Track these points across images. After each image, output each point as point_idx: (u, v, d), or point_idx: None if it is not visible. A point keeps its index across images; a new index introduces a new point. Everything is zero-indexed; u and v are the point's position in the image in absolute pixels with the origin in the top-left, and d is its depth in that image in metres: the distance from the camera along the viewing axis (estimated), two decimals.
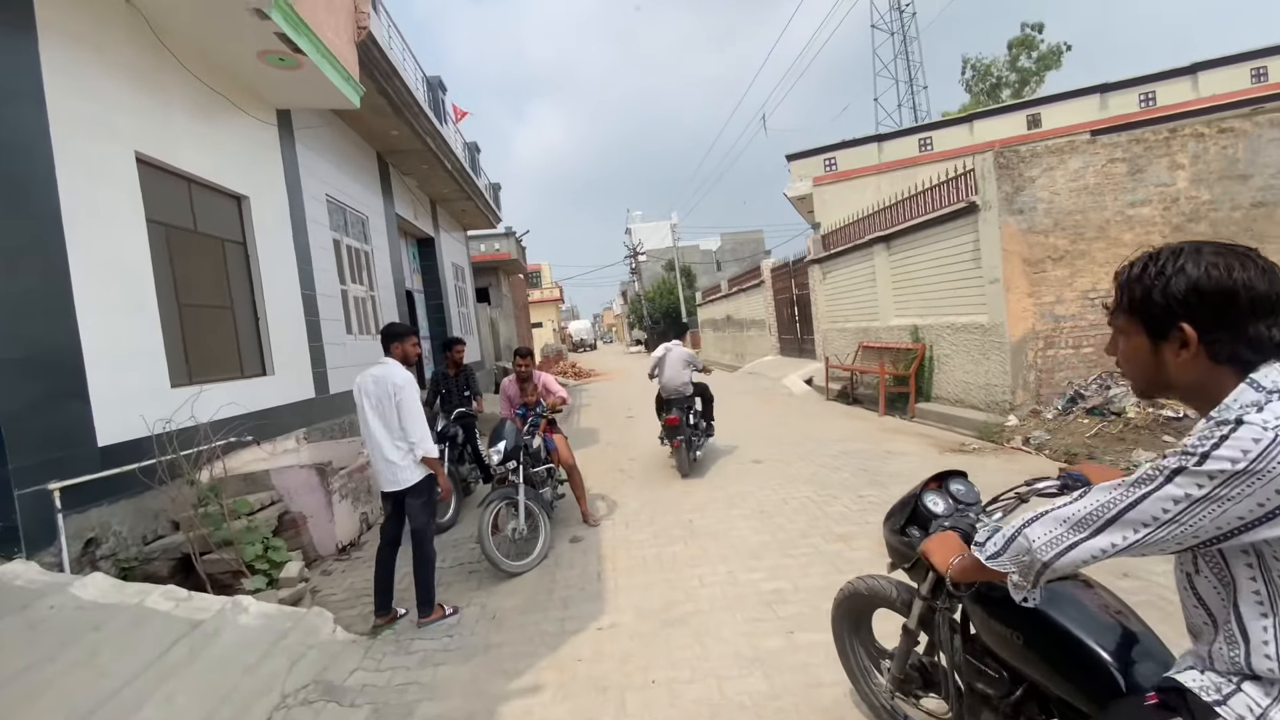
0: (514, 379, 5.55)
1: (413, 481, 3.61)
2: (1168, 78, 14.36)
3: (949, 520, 1.68)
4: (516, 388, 5.53)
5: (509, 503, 4.49)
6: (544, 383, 5.37)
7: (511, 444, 4.62)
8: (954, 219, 8.20)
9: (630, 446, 8.23)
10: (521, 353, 5.58)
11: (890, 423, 8.62)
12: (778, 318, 17.06)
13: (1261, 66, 13.68)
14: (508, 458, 4.58)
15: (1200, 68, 14.12)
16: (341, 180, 8.66)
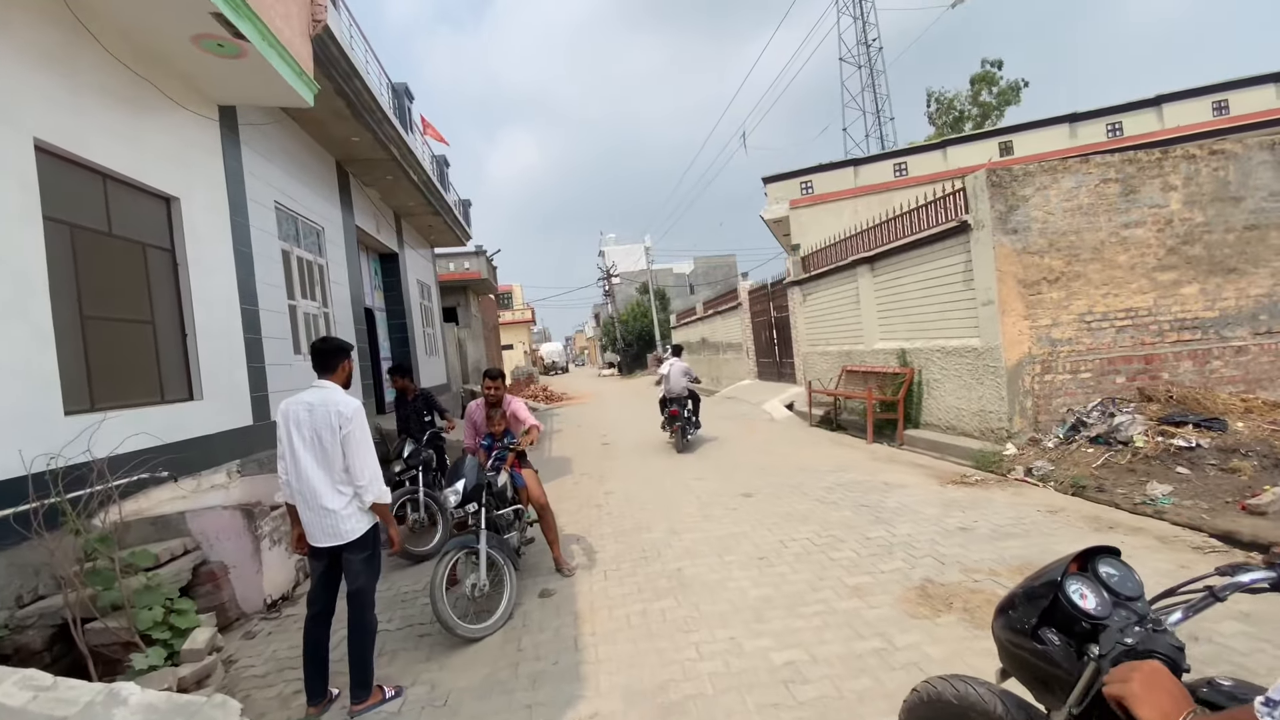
0: (481, 404, 4.90)
1: (357, 534, 2.95)
2: (1134, 109, 14.67)
3: (1127, 632, 1.12)
4: (483, 414, 4.88)
5: (468, 552, 3.84)
6: (514, 410, 4.74)
7: (472, 482, 3.98)
8: (944, 239, 7.91)
9: (607, 478, 7.60)
10: (491, 374, 4.90)
11: (880, 451, 8.18)
12: (756, 341, 16.71)
13: (1223, 99, 14.07)
14: (467, 499, 3.94)
15: (1165, 100, 14.47)
16: (294, 187, 7.98)
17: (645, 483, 7.03)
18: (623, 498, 6.40)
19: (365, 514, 2.98)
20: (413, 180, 11.08)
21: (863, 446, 8.54)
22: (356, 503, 2.95)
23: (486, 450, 4.60)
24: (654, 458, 8.67)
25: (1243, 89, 13.93)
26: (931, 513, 5.03)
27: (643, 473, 7.67)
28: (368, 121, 8.47)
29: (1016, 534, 4.47)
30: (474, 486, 3.98)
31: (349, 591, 2.98)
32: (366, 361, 10.05)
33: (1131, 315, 7.02)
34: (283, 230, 7.64)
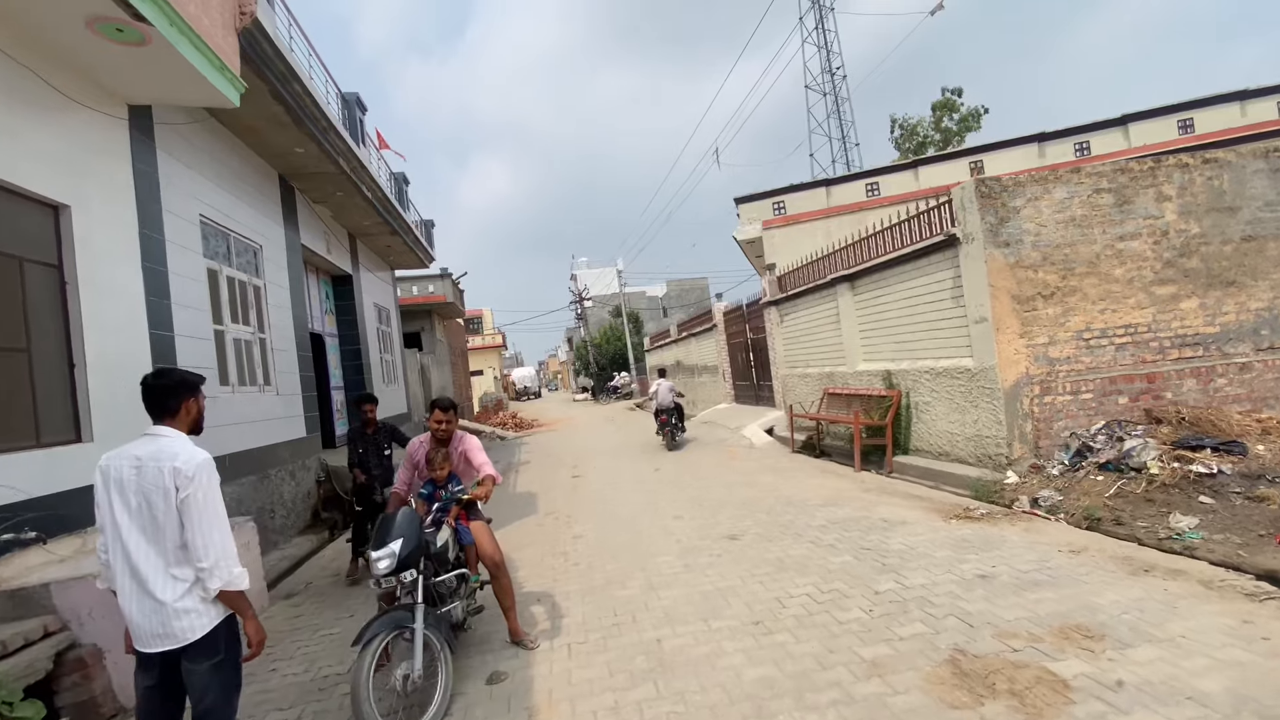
0: (426, 440, 4.13)
1: (198, 633, 2.16)
2: (1101, 128, 14.80)
3: None
4: (425, 453, 4.12)
5: (400, 633, 3.09)
6: (466, 450, 4.01)
7: (411, 544, 3.25)
8: (930, 254, 7.49)
9: (577, 517, 6.86)
10: (442, 405, 4.06)
11: (870, 480, 7.62)
12: (732, 363, 16.20)
13: (1188, 118, 14.27)
14: (403, 565, 3.20)
15: (1130, 119, 14.63)
16: (225, 200, 7.20)
17: (619, 523, 6.32)
18: (594, 543, 5.67)
19: (211, 605, 2.21)
20: (366, 197, 10.35)
21: (850, 475, 7.97)
22: (199, 591, 2.18)
23: (425, 500, 3.87)
24: (630, 492, 7.96)
25: (1207, 107, 14.17)
26: (943, 557, 4.44)
27: (617, 510, 6.96)
28: (311, 131, 7.77)
29: (1044, 581, 3.89)
30: (413, 551, 3.25)
31: (194, 716, 2.19)
32: (311, 391, 9.18)
33: (1131, 332, 6.64)
34: (209, 247, 6.84)
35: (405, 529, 3.30)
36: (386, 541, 3.24)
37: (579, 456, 12.14)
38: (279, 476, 7.70)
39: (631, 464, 10.38)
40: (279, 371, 8.11)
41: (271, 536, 7.19)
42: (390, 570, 3.17)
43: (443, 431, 4.00)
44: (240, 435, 6.86)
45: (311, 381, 9.26)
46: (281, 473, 7.81)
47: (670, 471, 9.19)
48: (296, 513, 8.06)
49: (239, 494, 6.64)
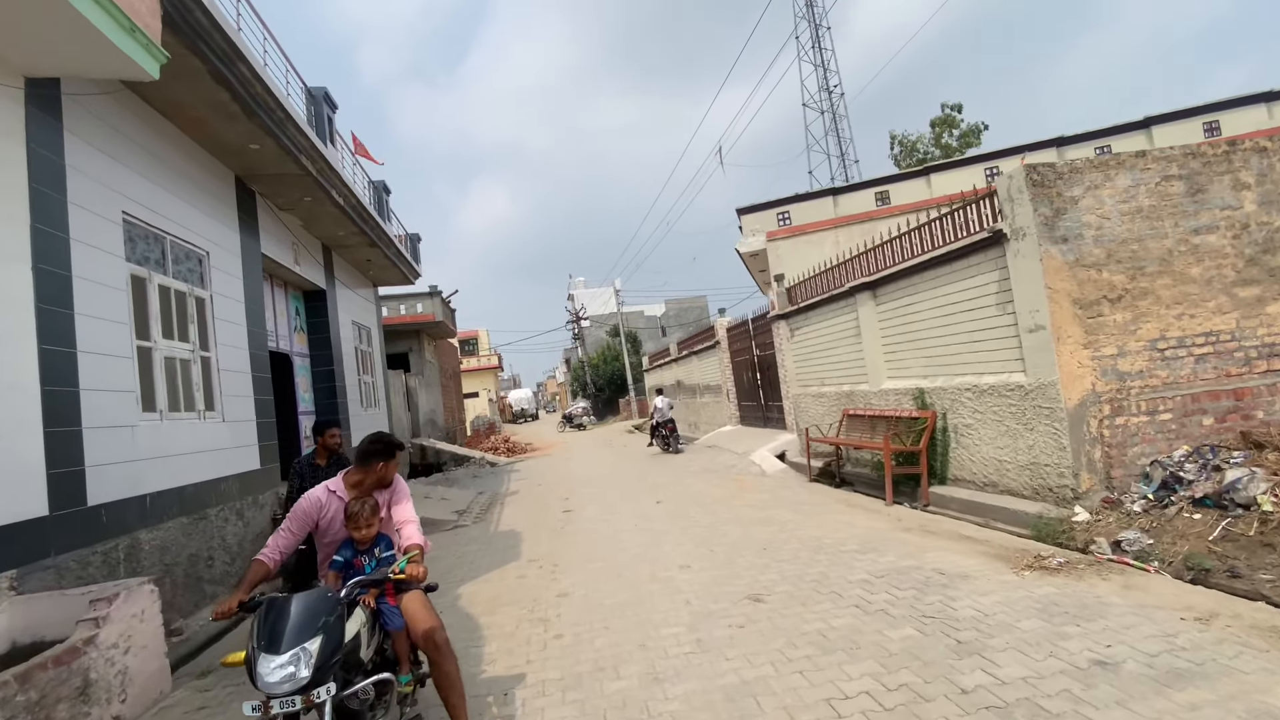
0: (340, 487, 2.99)
1: None
2: (1123, 131, 14.06)
3: None
4: (343, 507, 2.92)
5: None
6: (390, 500, 2.98)
7: (330, 646, 2.21)
8: (969, 255, 6.56)
9: (564, 566, 5.80)
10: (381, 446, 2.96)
11: (906, 516, 6.58)
12: (737, 382, 15.22)
13: (1214, 120, 13.53)
14: (316, 680, 2.15)
15: (1154, 121, 13.90)
16: (161, 198, 6.27)
17: (615, 575, 5.27)
18: (583, 604, 4.61)
19: None
20: (338, 204, 9.45)
21: (881, 510, 6.93)
22: None
23: (339, 571, 2.84)
24: (628, 531, 6.91)
25: (1234, 109, 13.44)
26: (1033, 629, 3.40)
27: (613, 556, 5.91)
28: (266, 123, 6.87)
29: (1187, 672, 2.86)
30: (333, 651, 2.21)
31: None
32: (269, 417, 8.15)
33: (1212, 340, 5.67)
34: (135, 251, 5.89)
35: (320, 618, 2.26)
36: (279, 642, 2.18)
37: (572, 486, 11.07)
38: (221, 516, 6.65)
39: (630, 495, 9.32)
40: (227, 395, 7.10)
41: (206, 589, 6.11)
42: (299, 688, 2.12)
43: (376, 476, 2.97)
44: (169, 470, 5.84)
45: (270, 406, 8.25)
46: (226, 511, 6.76)
47: (674, 504, 8.14)
48: (244, 557, 6.96)
49: (162, 540, 5.59)
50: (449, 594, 5.35)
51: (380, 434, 3.08)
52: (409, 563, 2.64)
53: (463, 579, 5.79)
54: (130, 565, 5.14)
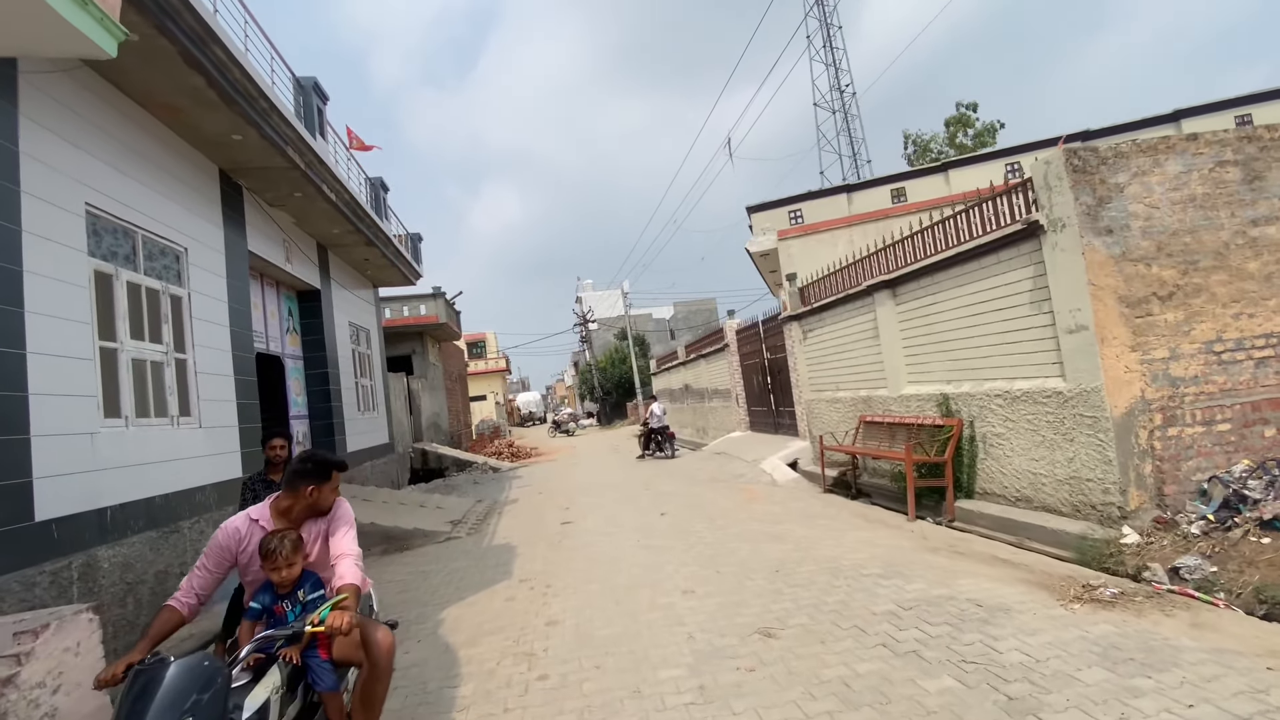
0: (264, 515, 2.55)
1: None
2: (1152, 125, 13.42)
3: None
4: (259, 540, 2.44)
5: None
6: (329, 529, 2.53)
7: None
8: (1000, 250, 6.04)
9: (557, 588, 5.33)
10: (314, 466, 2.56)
11: (931, 533, 6.05)
12: (746, 387, 14.70)
13: (1246, 114, 12.87)
14: None
15: (1184, 114, 13.25)
16: (132, 191, 5.89)
17: (611, 600, 4.80)
18: (573, 635, 4.13)
19: None
20: (328, 199, 9.07)
21: (903, 525, 6.41)
22: None
23: (256, 621, 2.37)
24: (628, 547, 6.43)
25: (1267, 102, 12.76)
26: (1096, 681, 2.89)
27: (610, 576, 5.43)
28: (246, 112, 6.49)
29: None
30: None
31: None
32: (254, 422, 7.75)
33: (1274, 342, 5.12)
34: (101, 245, 5.50)
35: (189, 696, 1.77)
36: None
37: (574, 494, 10.61)
38: (196, 529, 6.24)
39: (633, 505, 8.85)
40: (205, 400, 6.70)
41: None
42: None
43: (310, 501, 2.51)
44: (135, 480, 5.44)
45: (255, 411, 7.85)
46: (201, 524, 6.35)
47: (679, 517, 7.65)
48: None
49: (125, 557, 5.18)
50: (430, 619, 4.91)
51: (313, 452, 2.63)
52: (334, 609, 2.15)
53: (448, 600, 5.34)
54: (85, 585, 4.73)
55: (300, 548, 2.40)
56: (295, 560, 2.36)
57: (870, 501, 7.96)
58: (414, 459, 16.49)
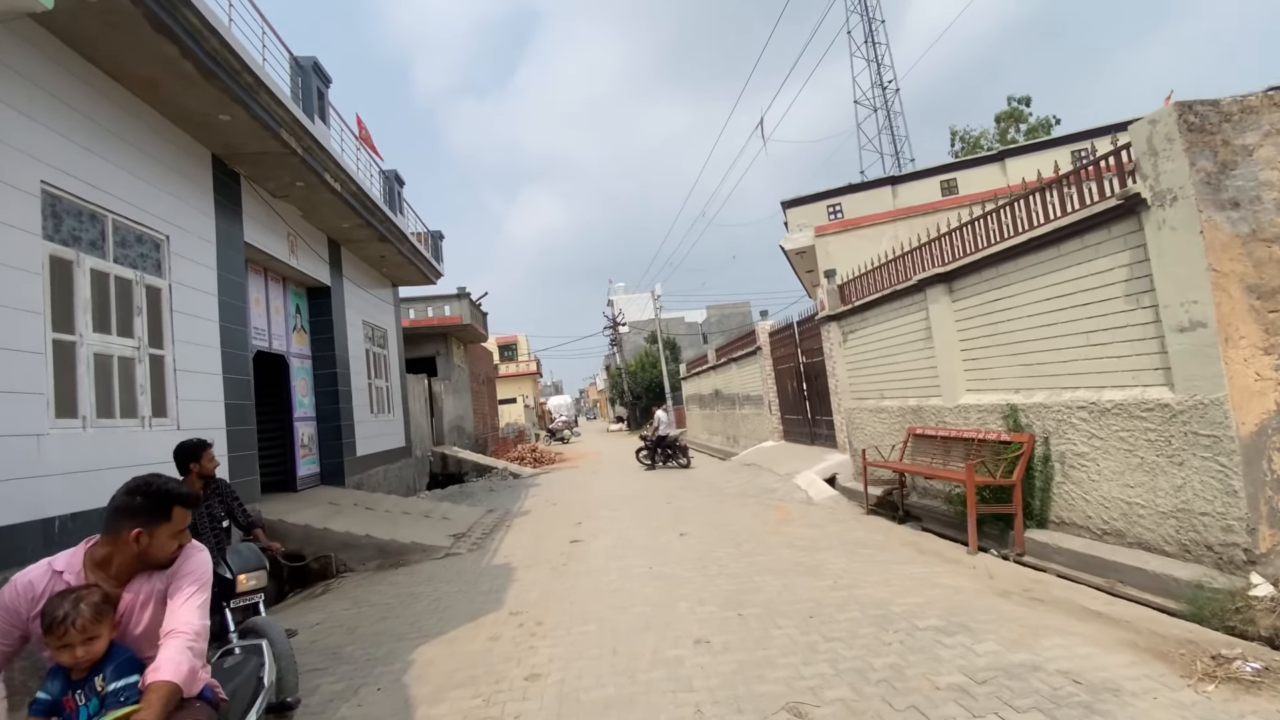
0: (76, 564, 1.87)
1: None
2: None
3: None
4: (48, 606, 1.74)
5: None
6: (173, 602, 1.81)
7: None
8: (1086, 232, 5.06)
9: (550, 626, 4.57)
10: (136, 508, 1.88)
11: (999, 570, 5.08)
12: (779, 393, 13.74)
13: None
14: None
15: None
16: (101, 171, 5.41)
17: (610, 645, 4.01)
18: (554, 696, 3.36)
19: None
20: (332, 188, 8.56)
21: (964, 559, 5.44)
22: None
23: (41, 717, 1.66)
24: (639, 576, 5.64)
25: None
26: None
27: (611, 615, 4.64)
28: (228, 87, 5.97)
29: None
30: None
31: None
32: (246, 424, 7.24)
33: None
34: (61, 228, 5.00)
35: None
36: None
37: (590, 507, 9.86)
38: None
39: (651, 523, 8.05)
40: (185, 399, 6.20)
41: None
42: None
43: (133, 554, 1.80)
44: (93, 487, 4.91)
45: (248, 412, 7.35)
46: None
47: (700, 539, 6.82)
48: None
49: None
50: (400, 658, 4.21)
51: (148, 479, 1.92)
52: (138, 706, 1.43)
53: (427, 633, 4.64)
54: None
55: (105, 615, 1.70)
56: (96, 632, 1.67)
57: (920, 526, 6.98)
58: (433, 463, 16.04)
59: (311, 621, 5.44)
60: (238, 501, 4.34)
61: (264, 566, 3.88)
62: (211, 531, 4.01)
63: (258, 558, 3.89)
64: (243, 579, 3.71)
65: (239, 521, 4.28)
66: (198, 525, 3.95)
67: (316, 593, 6.59)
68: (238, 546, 3.93)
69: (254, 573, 3.77)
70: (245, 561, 3.81)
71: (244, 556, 3.83)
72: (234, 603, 3.67)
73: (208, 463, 4.03)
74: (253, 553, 3.91)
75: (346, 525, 7.51)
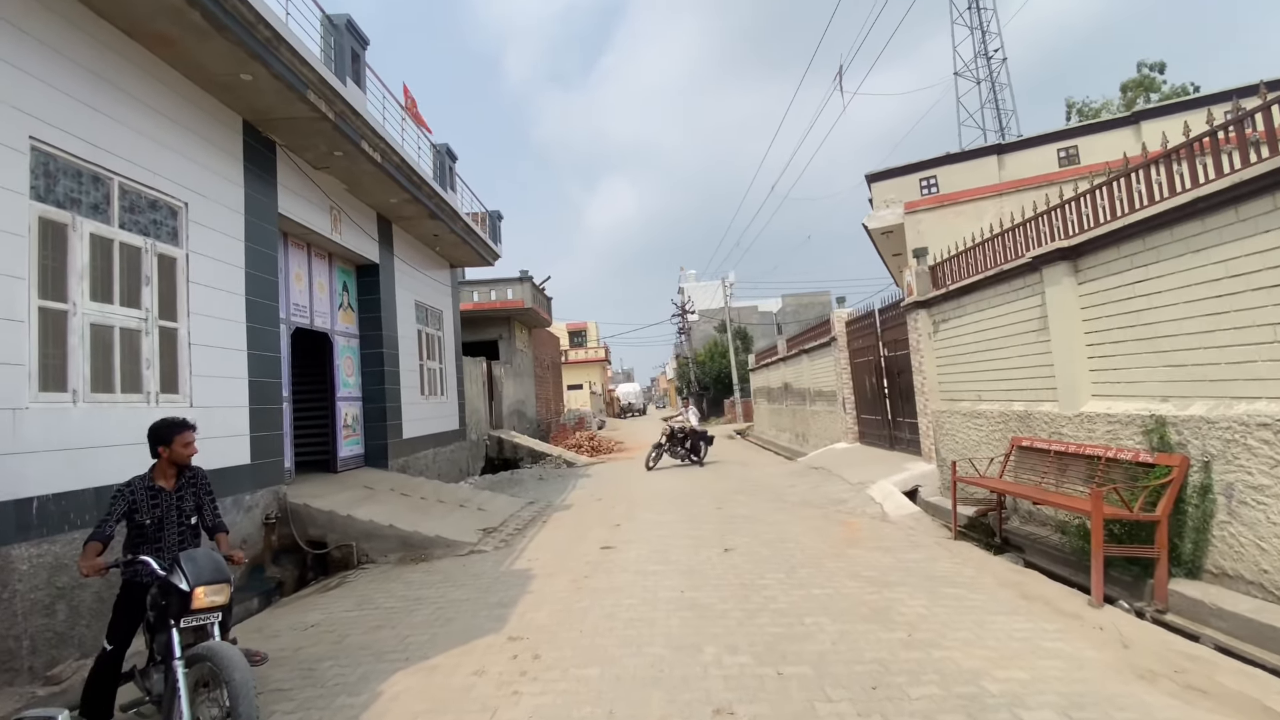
0: None
1: None
2: None
3: None
4: None
5: None
6: None
7: None
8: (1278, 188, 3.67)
9: (547, 659, 3.81)
10: None
11: (1133, 633, 3.84)
12: (856, 389, 12.39)
13: None
14: None
15: None
16: (107, 130, 5.09)
17: (606, 708, 3.19)
18: None
19: None
20: (371, 159, 8.14)
21: (1084, 612, 4.21)
22: None
23: None
24: (663, 608, 4.77)
25: None
26: None
27: (623, 657, 3.81)
28: (243, 40, 5.53)
29: None
30: None
31: None
32: (273, 404, 6.95)
33: None
34: (55, 189, 4.69)
35: None
36: None
37: (634, 504, 9.08)
38: None
39: (695, 530, 7.16)
40: (200, 375, 5.90)
41: None
42: None
43: None
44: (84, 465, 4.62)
45: (274, 390, 7.06)
46: None
47: (747, 557, 5.87)
48: None
49: (58, 557, 4.35)
50: (368, 688, 3.58)
51: None
52: None
53: (409, 658, 4.00)
54: None
55: None
56: None
57: (1023, 560, 5.70)
58: (489, 447, 15.81)
59: (309, 622, 4.97)
60: (210, 497, 3.65)
61: (227, 580, 3.18)
62: (178, 528, 3.43)
63: (220, 569, 3.19)
64: (200, 593, 3.03)
65: (204, 521, 3.60)
66: (163, 520, 3.39)
67: (331, 585, 6.18)
68: (194, 554, 3.20)
69: (214, 586, 3.10)
70: (202, 571, 3.11)
71: (202, 566, 3.13)
72: (187, 621, 3.02)
73: (181, 448, 3.45)
74: (214, 563, 3.20)
75: (371, 514, 7.10)
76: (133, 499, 3.33)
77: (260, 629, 4.92)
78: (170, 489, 3.44)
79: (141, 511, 3.33)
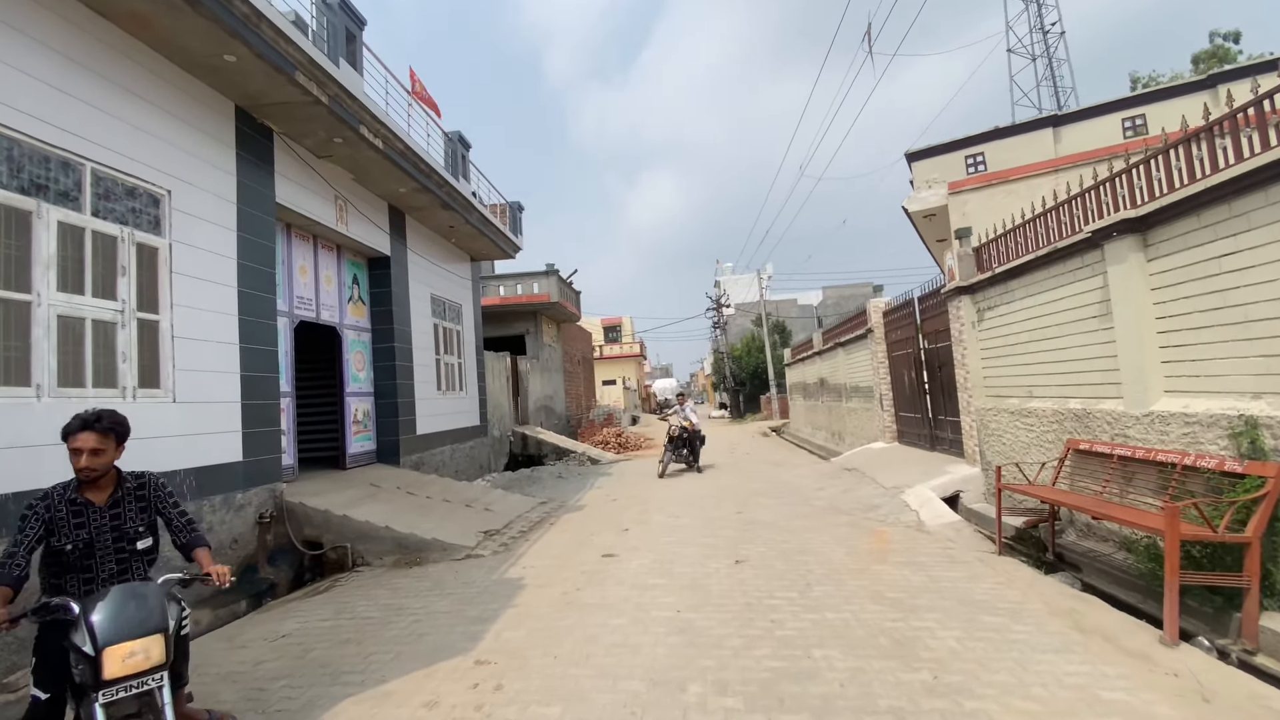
0: None
1: None
2: None
3: None
4: None
5: None
6: None
7: None
8: None
9: (511, 695, 3.35)
10: None
11: (1215, 681, 3.13)
12: (894, 384, 11.56)
13: None
14: None
15: None
16: (77, 114, 4.87)
17: None
18: None
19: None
20: (373, 146, 7.84)
21: (1154, 651, 3.49)
22: None
23: None
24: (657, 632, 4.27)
25: None
26: None
27: (594, 693, 3.33)
28: (221, 18, 5.24)
29: None
30: None
31: None
32: (269, 399, 6.73)
33: None
34: (19, 174, 4.47)
35: None
36: None
37: (650, 507, 8.57)
38: None
39: (707, 538, 6.61)
40: (185, 370, 5.68)
41: None
42: None
43: None
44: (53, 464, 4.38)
45: (270, 385, 6.84)
46: None
47: (760, 570, 5.30)
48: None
49: None
50: (313, 718, 3.19)
51: None
52: None
53: (364, 681, 3.61)
54: None
55: None
56: None
57: (1079, 581, 4.95)
58: (513, 443, 15.55)
59: (282, 631, 4.67)
60: (176, 510, 2.92)
61: (159, 629, 2.42)
62: (114, 555, 2.70)
63: (150, 616, 2.43)
64: (114, 656, 2.29)
65: (176, 539, 2.90)
66: (92, 544, 2.65)
67: (320, 589, 5.90)
68: (113, 596, 2.45)
69: (137, 643, 2.34)
70: (120, 623, 2.36)
71: (119, 614, 2.38)
72: (108, 694, 2.28)
73: (75, 454, 2.67)
74: (141, 608, 2.44)
75: (369, 514, 6.81)
76: (49, 517, 2.63)
77: (231, 638, 4.63)
78: (101, 504, 2.72)
79: (60, 534, 2.61)
